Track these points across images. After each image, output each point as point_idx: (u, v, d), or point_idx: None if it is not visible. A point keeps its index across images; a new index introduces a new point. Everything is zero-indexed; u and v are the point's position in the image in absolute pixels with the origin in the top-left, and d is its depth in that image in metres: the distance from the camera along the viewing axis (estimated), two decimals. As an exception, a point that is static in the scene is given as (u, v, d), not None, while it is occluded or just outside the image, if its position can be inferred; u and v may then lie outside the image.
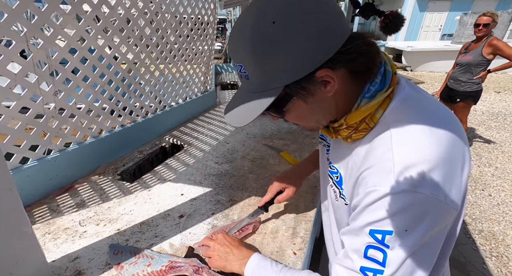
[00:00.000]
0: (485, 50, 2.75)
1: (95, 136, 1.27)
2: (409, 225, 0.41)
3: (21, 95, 0.94)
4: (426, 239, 0.42)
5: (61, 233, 0.87)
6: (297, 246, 0.81)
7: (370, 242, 0.44)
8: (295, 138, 1.59)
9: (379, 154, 0.45)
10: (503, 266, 1.91)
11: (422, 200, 0.41)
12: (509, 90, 6.20)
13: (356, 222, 0.46)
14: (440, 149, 0.42)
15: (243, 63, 0.47)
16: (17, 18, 0.86)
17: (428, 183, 0.41)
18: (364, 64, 0.46)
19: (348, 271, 0.47)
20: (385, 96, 0.48)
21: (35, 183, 1.03)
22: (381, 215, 0.42)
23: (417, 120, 0.45)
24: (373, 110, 0.48)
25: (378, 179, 0.44)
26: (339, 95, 0.49)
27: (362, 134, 0.51)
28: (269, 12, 0.43)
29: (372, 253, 0.43)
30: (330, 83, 0.46)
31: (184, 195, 1.07)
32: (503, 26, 7.71)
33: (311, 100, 0.48)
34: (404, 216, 0.41)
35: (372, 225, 0.44)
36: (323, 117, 0.53)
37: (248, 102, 0.50)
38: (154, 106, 1.62)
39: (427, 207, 0.41)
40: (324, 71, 0.45)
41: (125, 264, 0.73)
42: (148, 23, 1.41)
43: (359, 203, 0.46)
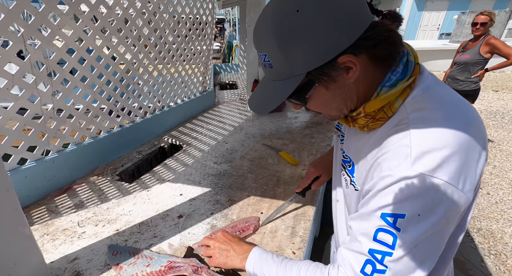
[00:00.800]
0: (482, 49, 2.76)
1: (93, 136, 1.27)
2: (423, 210, 0.41)
3: (18, 96, 0.94)
4: (438, 226, 0.42)
5: (60, 234, 0.87)
6: (296, 245, 0.81)
7: (381, 225, 0.43)
8: (293, 138, 1.59)
9: (396, 140, 0.45)
10: (501, 264, 1.91)
11: (438, 186, 0.40)
12: (507, 88, 6.22)
13: (368, 206, 0.46)
14: (459, 137, 0.42)
15: (268, 52, 0.48)
16: (14, 19, 0.85)
17: (446, 170, 0.40)
18: (386, 50, 0.47)
19: (355, 253, 0.47)
20: (405, 85, 0.47)
21: (33, 184, 1.03)
22: (395, 198, 0.42)
23: (437, 108, 0.45)
24: (392, 98, 0.48)
25: (394, 163, 0.43)
26: (360, 82, 0.49)
27: (379, 123, 0.51)
28: (293, 1, 0.44)
29: (382, 236, 0.43)
30: (352, 69, 0.46)
31: (183, 195, 1.07)
32: (500, 25, 7.73)
33: (333, 86, 0.49)
34: (419, 200, 0.41)
35: (384, 208, 0.43)
36: (344, 104, 0.52)
37: (272, 90, 0.52)
38: (152, 106, 1.61)
39: (443, 194, 0.40)
40: (346, 57, 0.45)
41: (124, 265, 0.73)
42: (146, 23, 1.41)
43: (372, 187, 0.46)
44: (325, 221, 1.81)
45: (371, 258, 0.44)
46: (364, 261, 0.45)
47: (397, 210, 0.42)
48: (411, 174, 0.41)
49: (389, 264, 0.43)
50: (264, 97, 0.54)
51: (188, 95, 1.95)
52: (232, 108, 2.21)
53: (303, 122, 1.86)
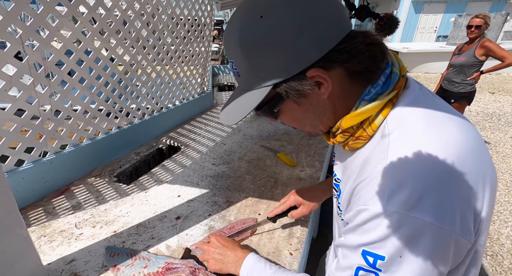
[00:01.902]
0: (477, 51, 2.80)
1: (91, 138, 1.27)
2: (404, 251, 0.36)
3: (16, 97, 0.94)
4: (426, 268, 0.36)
5: (57, 236, 0.87)
6: (293, 246, 0.82)
7: (361, 264, 0.40)
8: (291, 139, 1.60)
9: (373, 166, 0.40)
10: (497, 264, 1.93)
11: (418, 226, 0.34)
12: (503, 91, 6.28)
13: (349, 239, 0.43)
14: (448, 164, 0.35)
15: (234, 60, 0.45)
16: (12, 20, 0.85)
17: (428, 206, 0.34)
18: (363, 64, 0.42)
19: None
20: (386, 100, 0.42)
21: (30, 186, 1.03)
22: (373, 237, 0.38)
23: (424, 128, 0.39)
24: (371, 114, 0.43)
25: (370, 195, 0.39)
26: (336, 98, 0.45)
27: (360, 142, 0.46)
28: (256, 5, 0.41)
29: (363, 274, 0.40)
30: (323, 84, 0.42)
31: (181, 197, 1.07)
32: (496, 28, 7.81)
33: (304, 101, 0.45)
34: (398, 241, 0.36)
35: (365, 246, 0.39)
36: (319, 121, 0.49)
37: (240, 100, 0.48)
38: (151, 108, 1.61)
39: (426, 235, 0.34)
40: (315, 71, 0.41)
41: (121, 266, 0.73)
42: (145, 25, 1.41)
43: (351, 220, 0.42)
44: (323, 221, 1.81)
45: None
46: None
47: (376, 249, 0.38)
48: (386, 212, 0.36)
49: None
50: (234, 107, 0.50)
51: (187, 97, 1.96)
52: (231, 110, 2.21)
53: (301, 124, 1.86)
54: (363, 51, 0.41)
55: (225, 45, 0.47)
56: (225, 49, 0.48)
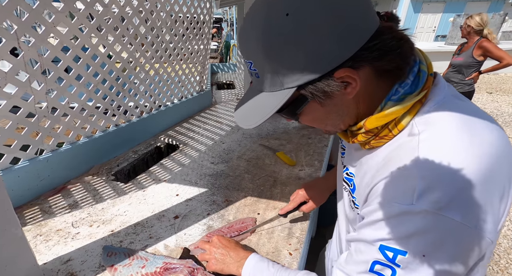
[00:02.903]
0: (475, 52, 2.81)
1: (88, 136, 1.25)
2: (428, 250, 0.35)
3: (11, 94, 0.92)
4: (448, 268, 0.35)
5: (53, 235, 0.85)
6: (292, 246, 0.81)
7: (379, 258, 0.38)
8: (291, 138, 1.59)
9: (402, 165, 0.39)
10: (494, 264, 1.94)
11: (447, 225, 0.34)
12: (501, 91, 6.31)
13: (366, 234, 0.41)
14: (480, 166, 0.35)
15: (254, 60, 0.42)
16: (7, 15, 0.84)
17: (458, 206, 0.34)
18: (393, 62, 0.40)
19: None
20: (415, 100, 0.40)
21: (26, 184, 1.01)
22: (395, 233, 0.37)
23: (456, 128, 0.38)
24: (398, 115, 0.41)
25: (396, 193, 0.38)
26: (361, 97, 0.43)
27: (383, 142, 0.44)
28: (282, 2, 0.38)
29: (379, 268, 0.39)
30: (351, 84, 0.40)
31: (179, 196, 1.06)
32: (495, 28, 7.83)
33: (329, 102, 0.43)
34: (423, 239, 0.35)
35: (384, 241, 0.38)
36: (341, 121, 0.47)
37: (259, 102, 0.46)
38: (149, 106, 1.60)
39: (453, 234, 0.34)
40: (345, 71, 0.39)
41: (119, 266, 0.72)
42: (143, 22, 1.39)
43: (371, 214, 0.41)
44: (321, 222, 1.81)
45: None
46: None
47: (398, 245, 0.37)
48: (415, 209, 0.35)
49: None
50: (251, 109, 0.47)
51: (185, 95, 1.94)
52: (229, 108, 2.20)
53: (300, 123, 1.86)
54: (394, 48, 0.39)
55: (242, 45, 0.44)
56: (242, 48, 0.44)
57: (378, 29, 0.39)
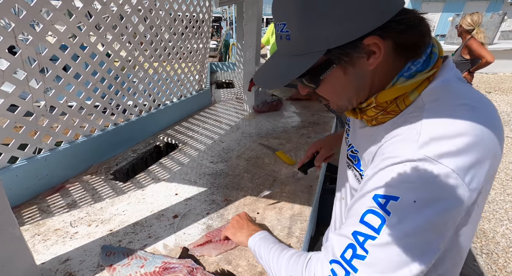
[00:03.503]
0: (463, 50, 2.90)
1: (87, 135, 1.25)
2: (420, 197, 0.36)
3: (9, 93, 0.92)
4: (436, 222, 0.36)
5: (52, 234, 0.85)
6: (292, 245, 0.81)
7: (371, 206, 0.39)
8: (290, 138, 1.59)
9: (406, 126, 0.42)
10: (493, 263, 1.94)
11: (443, 174, 0.35)
12: (499, 90, 6.32)
13: (364, 188, 0.42)
14: (476, 131, 0.37)
15: (287, 21, 0.43)
16: (4, 13, 0.83)
17: (455, 159, 0.36)
18: (413, 38, 0.42)
19: (340, 237, 0.43)
20: (424, 77, 0.43)
21: (24, 183, 1.01)
22: (392, 180, 0.38)
23: (457, 99, 0.41)
24: (408, 90, 0.44)
25: (398, 147, 0.40)
26: (379, 71, 0.45)
27: (390, 117, 0.46)
28: None
29: (369, 218, 0.39)
30: (375, 54, 0.42)
31: (179, 195, 1.05)
32: (494, 28, 7.84)
33: (351, 71, 0.44)
34: (418, 186, 0.36)
35: (379, 189, 0.39)
36: (356, 94, 0.48)
37: (284, 66, 0.47)
38: (148, 105, 1.59)
39: (446, 183, 0.35)
40: (374, 38, 0.40)
41: (117, 266, 0.72)
42: (142, 20, 1.39)
43: (372, 170, 0.42)
44: (321, 220, 1.81)
45: (353, 242, 0.40)
46: (346, 245, 0.41)
47: (391, 192, 0.38)
48: (415, 157, 0.37)
49: (370, 248, 0.38)
50: (274, 73, 0.49)
51: (184, 94, 1.94)
52: (229, 107, 2.19)
53: (299, 122, 1.86)
54: (417, 25, 0.42)
55: (277, 6, 0.45)
56: (276, 9, 0.45)
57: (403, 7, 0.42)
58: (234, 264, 0.74)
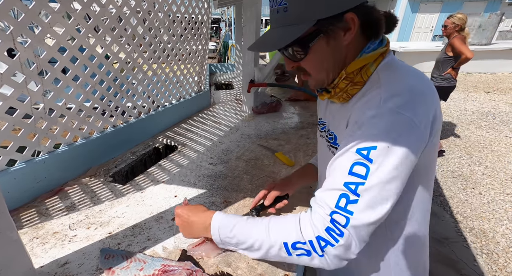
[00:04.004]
0: (447, 48, 3.07)
1: (86, 137, 1.24)
2: (391, 142, 0.46)
3: (7, 95, 0.91)
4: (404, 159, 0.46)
5: (50, 238, 0.85)
6: (292, 247, 0.81)
7: (356, 159, 0.47)
8: (289, 139, 1.59)
9: (369, 92, 0.52)
10: (493, 263, 1.94)
11: (403, 121, 0.46)
12: (498, 90, 6.34)
13: (345, 146, 0.50)
14: (423, 87, 0.50)
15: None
16: (3, 16, 0.83)
17: (410, 108, 0.47)
18: (376, 20, 0.53)
19: (330, 191, 0.49)
20: (380, 52, 0.55)
21: (22, 186, 1.00)
22: (369, 133, 0.47)
23: (403, 69, 0.54)
24: (370, 61, 0.54)
25: (367, 108, 0.50)
26: (350, 47, 0.54)
27: (357, 88, 0.56)
28: None
29: (357, 169, 0.47)
30: (350, 30, 0.51)
31: (178, 197, 1.05)
32: (491, 28, 7.87)
33: (332, 43, 0.53)
34: (388, 133, 0.46)
35: (359, 144, 0.48)
36: (333, 67, 0.56)
37: (280, 33, 0.53)
38: (147, 106, 1.59)
39: (407, 127, 0.46)
40: (352, 15, 0.50)
41: (116, 269, 0.72)
42: (141, 22, 1.39)
43: (348, 133, 0.52)
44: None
45: (345, 191, 0.47)
46: (339, 196, 0.47)
47: (370, 143, 0.47)
48: (381, 110, 0.47)
49: (361, 192, 0.46)
50: (270, 40, 0.55)
51: (183, 95, 1.94)
52: (228, 109, 2.19)
53: (298, 123, 1.86)
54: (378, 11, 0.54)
55: None
56: None
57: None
58: (233, 266, 0.74)
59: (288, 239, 0.50)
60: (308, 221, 0.49)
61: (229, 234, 0.60)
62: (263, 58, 8.17)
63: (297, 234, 0.50)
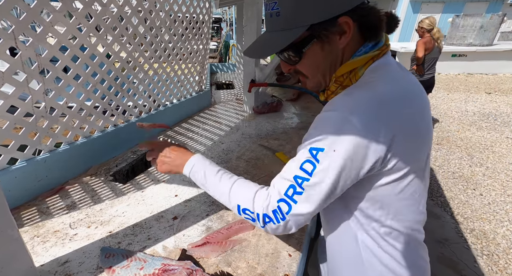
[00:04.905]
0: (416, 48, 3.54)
1: (87, 136, 1.25)
2: (338, 146, 0.47)
3: (9, 94, 0.92)
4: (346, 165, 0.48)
5: (51, 236, 0.85)
6: (292, 247, 0.81)
7: (308, 157, 0.51)
8: (290, 139, 1.59)
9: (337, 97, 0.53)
10: (493, 264, 1.94)
11: (352, 129, 0.47)
12: (499, 91, 6.32)
13: (304, 141, 0.53)
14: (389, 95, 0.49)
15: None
16: (5, 15, 0.83)
17: (364, 116, 0.46)
18: (373, 23, 0.52)
19: (283, 180, 0.54)
20: (370, 57, 0.54)
21: (23, 185, 1.00)
22: (318, 134, 0.50)
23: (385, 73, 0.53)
24: (357, 66, 0.54)
25: (328, 105, 0.52)
26: (345, 50, 0.55)
27: None
28: None
29: (306, 166, 0.51)
30: (345, 34, 0.51)
31: (178, 196, 1.05)
32: (493, 29, 7.84)
33: (327, 48, 0.54)
34: (335, 138, 0.48)
35: (312, 143, 0.51)
36: (329, 70, 0.57)
37: (273, 39, 0.54)
38: (148, 106, 1.59)
39: (355, 136, 0.47)
40: (346, 18, 0.49)
41: (117, 268, 0.72)
42: (142, 21, 1.39)
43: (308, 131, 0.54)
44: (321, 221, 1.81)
45: (294, 183, 0.52)
46: (288, 186, 0.52)
47: (319, 144, 0.49)
48: (335, 113, 0.49)
49: (305, 187, 0.51)
50: (265, 45, 0.56)
51: (184, 95, 1.94)
52: (229, 108, 2.19)
53: (299, 123, 1.86)
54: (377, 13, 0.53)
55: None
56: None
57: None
58: (233, 266, 0.74)
59: (241, 204, 0.59)
60: (261, 199, 0.56)
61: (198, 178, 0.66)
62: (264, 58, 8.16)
63: (250, 204, 0.57)
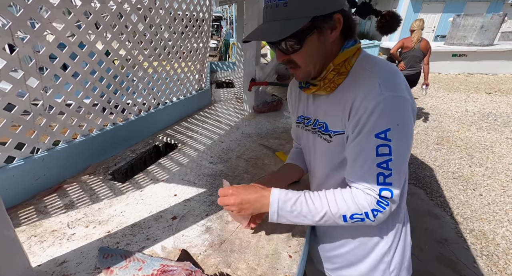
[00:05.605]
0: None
1: (85, 134, 1.23)
2: (398, 120, 0.58)
3: (6, 91, 0.90)
4: (410, 130, 0.60)
5: (48, 236, 0.84)
6: (292, 248, 0.80)
7: (378, 142, 0.58)
8: (290, 138, 1.58)
9: (366, 82, 0.61)
10: (493, 264, 1.94)
11: (402, 100, 0.59)
12: (499, 91, 6.32)
13: (362, 134, 0.61)
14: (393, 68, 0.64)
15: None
16: (1, 11, 0.81)
17: (401, 90, 0.59)
18: (354, 23, 0.64)
19: (368, 172, 0.60)
20: (357, 47, 0.66)
21: (21, 183, 0.99)
22: (379, 119, 0.58)
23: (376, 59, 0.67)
24: (350, 54, 0.65)
25: (371, 97, 0.59)
26: (334, 44, 0.64)
27: (342, 77, 0.66)
28: None
29: (382, 150, 0.58)
30: (335, 29, 0.61)
31: (178, 196, 1.04)
32: (494, 29, 7.82)
33: (322, 39, 0.62)
34: (394, 114, 0.58)
35: (375, 129, 0.58)
36: (320, 61, 0.65)
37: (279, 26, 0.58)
38: (147, 104, 1.58)
39: (406, 105, 0.59)
40: (339, 15, 0.59)
41: (115, 268, 0.71)
42: (142, 19, 1.37)
43: (359, 120, 0.60)
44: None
45: (380, 170, 0.59)
46: (376, 175, 0.59)
47: (384, 127, 0.58)
48: (383, 96, 0.58)
49: (392, 167, 0.59)
50: (271, 31, 0.60)
51: (184, 93, 1.92)
52: (229, 107, 2.18)
53: (300, 122, 1.84)
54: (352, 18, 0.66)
55: None
56: None
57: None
58: (233, 267, 0.73)
59: (347, 212, 0.64)
60: (361, 199, 0.62)
61: (289, 208, 0.68)
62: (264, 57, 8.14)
63: (356, 208, 0.63)
